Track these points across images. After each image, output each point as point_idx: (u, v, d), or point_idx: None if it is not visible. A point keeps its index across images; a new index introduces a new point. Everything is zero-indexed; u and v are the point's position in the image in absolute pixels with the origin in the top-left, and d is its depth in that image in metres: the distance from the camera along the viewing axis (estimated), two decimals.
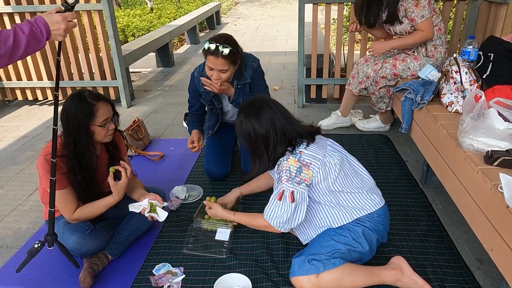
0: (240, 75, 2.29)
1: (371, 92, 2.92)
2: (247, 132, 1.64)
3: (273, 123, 1.62)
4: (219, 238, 2.01)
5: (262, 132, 1.61)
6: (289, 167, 1.58)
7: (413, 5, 2.57)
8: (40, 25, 1.30)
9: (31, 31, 1.25)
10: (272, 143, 1.62)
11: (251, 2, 16.72)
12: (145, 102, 4.23)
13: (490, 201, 1.48)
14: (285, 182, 1.57)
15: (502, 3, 2.99)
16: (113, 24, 3.69)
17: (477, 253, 1.87)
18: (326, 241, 1.63)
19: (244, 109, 1.69)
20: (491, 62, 2.24)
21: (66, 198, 1.74)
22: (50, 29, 1.31)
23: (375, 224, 1.66)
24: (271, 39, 8.06)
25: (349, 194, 1.65)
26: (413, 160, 2.77)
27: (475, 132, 1.67)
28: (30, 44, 1.24)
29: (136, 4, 11.73)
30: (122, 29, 7.33)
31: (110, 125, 1.78)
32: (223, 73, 2.12)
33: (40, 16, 1.33)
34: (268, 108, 1.64)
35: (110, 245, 1.89)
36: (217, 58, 2.05)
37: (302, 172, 1.57)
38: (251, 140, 1.65)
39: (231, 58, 2.07)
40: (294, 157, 1.58)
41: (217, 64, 2.07)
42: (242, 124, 1.65)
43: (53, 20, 1.33)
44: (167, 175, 2.71)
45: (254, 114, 1.63)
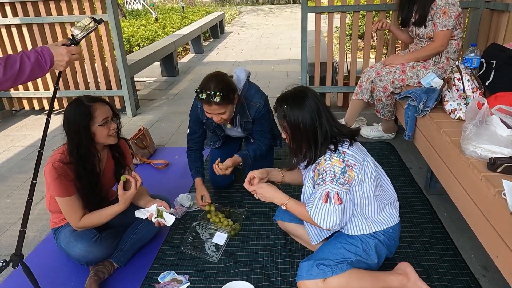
0: (243, 113, 2.22)
1: (377, 98, 2.92)
2: (295, 123, 1.55)
3: (319, 115, 1.55)
4: (216, 241, 2.05)
5: (310, 124, 1.54)
6: (333, 167, 1.51)
7: (441, 11, 2.58)
8: (45, 55, 1.38)
9: (37, 59, 1.34)
10: (320, 135, 1.55)
11: (255, 11, 16.86)
12: (150, 111, 4.27)
13: (493, 207, 1.48)
14: (329, 183, 1.51)
15: (504, 10, 3.01)
16: (118, 35, 3.75)
17: (482, 260, 1.87)
18: (336, 249, 1.63)
19: (287, 99, 1.58)
20: (494, 69, 2.25)
21: (73, 205, 1.76)
22: (54, 60, 1.41)
23: (388, 239, 1.66)
24: (274, 48, 8.11)
25: (375, 205, 1.62)
26: (417, 167, 2.77)
27: (478, 139, 1.67)
28: (34, 71, 1.33)
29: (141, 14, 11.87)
30: (128, 39, 7.42)
31: (111, 124, 1.80)
32: (222, 115, 2.04)
33: (46, 46, 1.41)
34: (312, 99, 1.56)
35: (115, 253, 1.91)
36: (211, 106, 1.97)
37: (346, 173, 1.51)
38: (298, 131, 1.56)
39: (225, 102, 1.97)
40: (338, 157, 1.52)
41: (213, 110, 2.00)
42: (287, 115, 1.56)
43: (58, 52, 1.42)
44: (172, 183, 2.73)
45: (300, 105, 1.54)
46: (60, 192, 1.73)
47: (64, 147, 1.78)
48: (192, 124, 2.42)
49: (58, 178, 1.70)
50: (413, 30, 2.82)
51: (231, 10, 15.70)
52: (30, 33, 3.88)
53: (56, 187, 1.71)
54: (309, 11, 3.57)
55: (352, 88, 3.56)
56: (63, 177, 1.71)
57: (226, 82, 2.02)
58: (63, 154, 1.75)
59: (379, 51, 3.66)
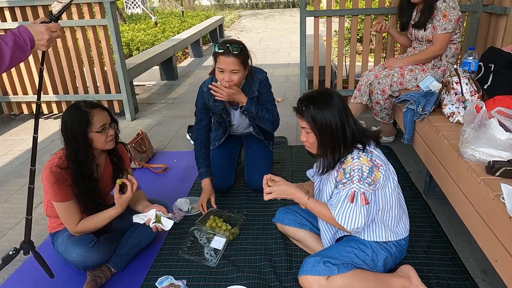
0: (249, 89, 2.29)
1: (375, 101, 2.93)
2: (326, 124, 1.51)
3: (346, 115, 1.53)
4: (214, 245, 2.04)
5: (340, 123, 1.51)
6: (361, 166, 1.47)
7: (442, 14, 2.58)
8: (24, 35, 1.31)
9: (15, 42, 1.26)
10: (349, 135, 1.52)
11: (254, 15, 16.92)
12: (149, 115, 4.27)
13: (492, 211, 1.47)
14: (357, 182, 1.46)
15: (502, 14, 3.02)
16: (117, 39, 3.75)
17: (481, 264, 1.86)
18: (346, 252, 1.60)
19: (313, 100, 1.54)
20: (492, 73, 2.26)
21: (70, 211, 1.75)
22: (34, 39, 1.33)
23: (399, 251, 1.65)
24: (274, 52, 8.13)
25: (394, 213, 1.60)
26: (416, 171, 2.76)
27: (477, 143, 1.67)
28: (15, 55, 1.26)
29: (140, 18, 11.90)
30: (127, 43, 7.43)
31: (109, 131, 1.79)
32: (234, 74, 2.08)
33: (24, 26, 1.34)
34: (338, 99, 1.54)
35: (113, 257, 1.90)
36: (228, 57, 2.03)
37: (373, 173, 1.48)
38: (330, 131, 1.52)
39: (241, 58, 2.06)
40: (366, 156, 1.49)
41: (228, 64, 2.04)
42: (316, 115, 1.51)
43: (37, 31, 1.34)
44: (170, 188, 2.72)
45: (329, 104, 1.51)
46: (57, 197, 1.72)
47: (61, 152, 1.78)
48: (198, 113, 2.44)
49: (56, 183, 1.70)
50: (412, 32, 2.83)
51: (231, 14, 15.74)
52: None
53: (53, 192, 1.71)
54: (308, 15, 3.57)
55: (351, 91, 3.56)
56: (61, 182, 1.71)
57: (244, 45, 2.15)
58: (60, 159, 1.75)
59: (378, 55, 3.67)
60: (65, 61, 3.97)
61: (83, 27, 3.79)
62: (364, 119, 3.57)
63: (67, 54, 3.95)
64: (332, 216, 1.53)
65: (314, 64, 3.74)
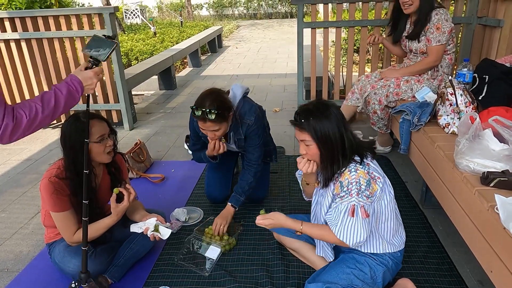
0: (236, 130, 2.24)
1: (372, 111, 2.95)
2: (325, 135, 1.50)
3: (344, 125, 1.53)
4: (209, 255, 2.04)
5: (339, 134, 1.51)
6: (359, 179, 1.46)
7: (435, 26, 2.62)
8: (76, 84, 1.42)
9: (69, 91, 1.37)
10: (348, 146, 1.52)
11: (253, 25, 17.06)
12: (147, 125, 4.28)
13: (487, 222, 1.49)
14: (355, 195, 1.45)
15: (496, 26, 3.06)
16: (116, 49, 3.78)
17: (478, 275, 1.86)
18: (345, 274, 1.60)
19: (311, 112, 1.53)
20: (486, 84, 2.28)
21: (67, 221, 1.76)
22: (83, 85, 1.44)
23: (396, 264, 1.66)
24: (271, 62, 8.19)
25: (391, 225, 1.61)
26: (412, 181, 2.78)
27: (471, 153, 1.69)
28: (67, 102, 1.36)
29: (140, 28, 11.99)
30: (126, 52, 7.48)
31: (108, 141, 1.81)
32: (216, 132, 2.07)
33: (74, 75, 1.45)
34: (335, 110, 1.54)
35: (110, 268, 1.90)
36: (205, 123, 2.00)
37: (370, 186, 1.47)
38: (329, 143, 1.51)
39: (219, 119, 2.00)
40: (364, 169, 1.48)
41: (208, 127, 2.03)
42: (315, 127, 1.51)
43: (86, 77, 1.46)
44: (168, 197, 2.72)
45: (327, 115, 1.51)
46: (55, 207, 1.72)
47: (60, 162, 1.79)
48: (192, 136, 2.45)
49: (54, 193, 1.70)
50: (406, 44, 2.86)
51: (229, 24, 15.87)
52: (29, 48, 3.92)
53: (51, 202, 1.72)
54: (305, 27, 3.62)
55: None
56: (59, 192, 1.72)
57: (221, 100, 2.04)
58: (59, 169, 1.76)
59: (375, 65, 3.71)
60: (64, 71, 3.99)
61: (82, 37, 3.83)
62: (361, 129, 3.59)
63: (66, 64, 3.98)
64: (331, 235, 1.52)
65: (311, 75, 3.78)
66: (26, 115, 1.19)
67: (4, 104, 1.15)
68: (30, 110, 1.20)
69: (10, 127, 1.15)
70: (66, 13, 3.79)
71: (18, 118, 1.17)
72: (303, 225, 1.62)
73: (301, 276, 1.88)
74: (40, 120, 1.24)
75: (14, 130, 1.16)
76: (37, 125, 1.24)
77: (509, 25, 2.89)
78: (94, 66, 1.52)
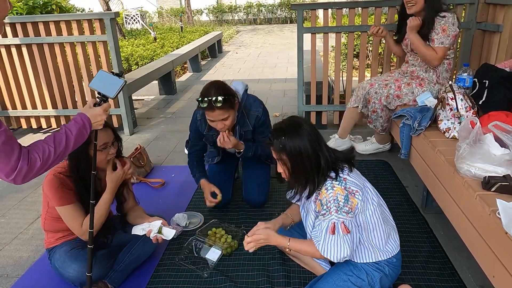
0: (243, 122, 2.27)
1: (372, 110, 2.96)
2: (297, 153, 1.51)
3: (319, 142, 1.54)
4: (209, 257, 2.04)
5: (312, 152, 1.51)
6: (336, 196, 1.48)
7: (441, 28, 2.61)
8: (85, 122, 1.43)
9: (78, 130, 1.39)
10: (323, 163, 1.52)
11: (254, 30, 17.12)
12: (147, 130, 4.29)
13: (489, 227, 1.48)
14: (335, 213, 1.47)
15: (495, 31, 3.08)
16: (117, 54, 3.79)
17: (479, 280, 1.85)
18: (342, 281, 1.60)
19: (283, 130, 1.55)
20: (486, 89, 2.29)
21: (74, 213, 1.77)
22: (92, 123, 1.46)
23: (393, 270, 1.65)
24: (271, 67, 8.21)
25: (380, 232, 1.61)
26: (413, 186, 2.77)
27: (472, 158, 1.69)
28: (77, 141, 1.39)
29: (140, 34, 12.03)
30: (126, 58, 7.50)
31: (110, 149, 1.82)
32: (225, 121, 2.08)
33: (83, 113, 1.45)
34: (308, 127, 1.55)
35: (110, 273, 1.89)
36: (214, 111, 2.02)
37: (349, 201, 1.48)
38: (301, 161, 1.53)
39: (227, 105, 2.03)
40: (340, 185, 1.49)
41: (216, 116, 2.04)
42: (287, 145, 1.52)
43: (96, 114, 1.47)
44: (168, 202, 2.72)
45: (299, 133, 1.52)
46: (61, 200, 1.74)
47: (65, 163, 1.81)
48: (192, 138, 2.45)
49: (60, 187, 1.73)
50: (407, 43, 2.87)
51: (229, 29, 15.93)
52: (30, 53, 3.93)
53: (57, 196, 1.73)
54: (305, 32, 3.63)
55: None
56: (64, 186, 1.75)
57: (226, 88, 2.08)
58: (64, 169, 1.78)
59: (374, 70, 3.72)
60: (65, 76, 4.00)
61: (83, 42, 3.84)
62: (360, 133, 3.59)
63: (66, 69, 3.98)
64: (317, 252, 1.54)
65: (311, 79, 3.78)
66: (39, 158, 1.22)
67: (19, 147, 1.18)
68: (43, 153, 1.23)
69: (24, 170, 1.17)
70: (67, 18, 3.80)
71: (32, 160, 1.19)
72: (290, 241, 1.64)
73: (302, 281, 1.87)
74: (52, 162, 1.27)
75: (28, 172, 1.19)
76: (49, 166, 1.28)
77: (508, 30, 2.91)
78: (102, 102, 1.53)
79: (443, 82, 2.79)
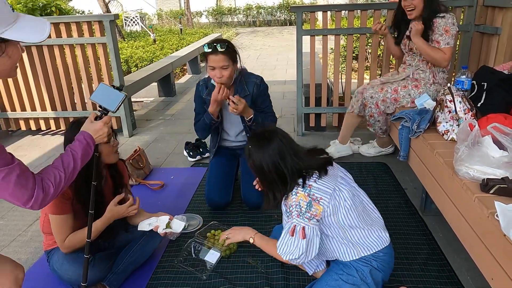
0: (242, 89, 2.40)
1: (369, 114, 2.97)
2: (259, 164, 1.60)
3: (282, 155, 1.58)
4: (208, 259, 2.05)
5: (273, 165, 1.58)
6: (299, 202, 1.54)
7: (443, 29, 2.62)
8: (88, 140, 1.46)
9: (83, 149, 1.43)
10: (287, 175, 1.57)
11: (253, 33, 17.15)
12: (146, 131, 4.29)
13: (487, 229, 1.48)
14: (296, 217, 1.54)
15: (493, 34, 3.09)
16: (116, 56, 3.80)
17: (478, 282, 1.85)
18: (334, 280, 1.62)
19: (253, 140, 1.65)
20: (485, 91, 2.29)
21: (65, 224, 1.76)
22: (94, 138, 1.48)
23: (381, 264, 1.65)
24: (271, 69, 8.22)
25: (358, 230, 1.62)
26: (412, 188, 2.78)
27: (470, 160, 1.69)
28: (83, 160, 1.43)
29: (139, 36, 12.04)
30: (126, 60, 7.50)
31: (114, 141, 1.84)
32: (224, 70, 2.23)
33: (85, 131, 1.47)
34: (277, 140, 1.60)
35: (108, 276, 1.88)
36: (216, 55, 2.19)
37: (312, 207, 1.53)
38: (263, 172, 1.61)
39: (229, 54, 2.21)
40: (304, 192, 1.55)
41: (218, 61, 2.20)
42: (252, 155, 1.62)
43: (96, 129, 1.49)
44: (167, 204, 2.72)
45: (264, 145, 1.59)
46: (55, 209, 1.73)
47: None
48: (197, 107, 2.58)
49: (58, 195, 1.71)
50: (406, 43, 2.87)
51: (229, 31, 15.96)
52: (29, 55, 3.93)
53: (52, 204, 1.72)
54: (304, 34, 3.64)
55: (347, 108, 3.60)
56: (62, 195, 1.72)
57: (230, 42, 2.29)
58: None
59: (374, 72, 3.72)
60: (64, 78, 4.00)
61: (82, 44, 3.84)
62: (360, 136, 3.60)
63: (66, 71, 3.99)
64: (274, 249, 1.64)
65: (310, 82, 3.79)
66: (52, 184, 1.29)
67: (33, 176, 1.25)
68: (55, 179, 1.30)
69: (40, 198, 1.25)
70: (66, 20, 3.81)
71: (46, 188, 1.27)
72: (256, 234, 1.85)
73: (301, 284, 1.87)
74: (63, 185, 1.33)
75: (44, 199, 1.26)
76: (62, 189, 1.34)
77: (507, 32, 2.91)
78: (103, 115, 1.54)
79: (440, 82, 2.79)
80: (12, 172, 1.18)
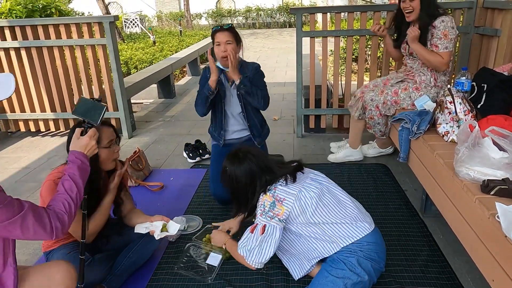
0: (242, 71, 2.56)
1: (369, 116, 2.97)
2: (230, 179, 1.76)
3: (252, 174, 1.72)
4: (210, 262, 2.04)
5: (243, 181, 1.73)
6: (263, 202, 1.67)
7: (442, 33, 2.61)
8: (81, 158, 1.50)
9: (79, 168, 1.47)
10: (251, 192, 1.73)
11: (252, 35, 17.17)
12: (146, 133, 4.28)
13: (488, 230, 1.48)
14: (259, 216, 1.67)
15: (493, 35, 3.09)
16: (116, 58, 3.80)
17: (479, 284, 1.85)
18: (324, 278, 1.65)
19: (229, 157, 1.80)
20: (485, 93, 2.29)
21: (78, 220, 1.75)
22: (85, 153, 1.52)
23: (367, 253, 1.66)
24: (270, 70, 8.22)
25: (333, 224, 1.69)
26: (412, 189, 2.77)
27: (471, 162, 1.69)
28: (83, 177, 1.48)
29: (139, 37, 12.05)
30: (125, 61, 7.50)
31: (116, 147, 1.83)
32: (228, 45, 2.46)
33: (74, 151, 1.51)
34: (250, 159, 1.74)
35: (108, 277, 1.88)
36: (222, 32, 2.47)
37: (275, 207, 1.64)
38: (233, 186, 1.78)
39: (232, 32, 2.49)
40: (269, 193, 1.68)
41: (223, 37, 2.46)
42: (226, 171, 1.77)
43: (83, 145, 1.53)
44: (167, 206, 2.71)
45: (237, 163, 1.75)
46: None
47: (63, 167, 1.78)
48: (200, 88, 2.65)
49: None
50: (406, 47, 2.87)
51: None
52: (29, 56, 3.93)
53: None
54: (304, 36, 3.64)
55: (346, 110, 3.60)
56: None
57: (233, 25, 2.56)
58: (62, 173, 1.76)
59: (373, 74, 3.73)
60: (64, 79, 4.00)
61: (82, 46, 3.84)
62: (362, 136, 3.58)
63: (65, 72, 3.98)
64: (237, 255, 1.76)
65: (310, 83, 3.78)
66: (65, 212, 1.35)
67: (46, 212, 1.31)
68: (65, 207, 1.36)
69: (59, 227, 1.31)
70: (66, 21, 3.80)
71: (60, 218, 1.33)
72: (227, 242, 1.95)
73: (301, 285, 1.86)
74: (74, 208, 1.40)
75: (63, 227, 1.33)
76: (74, 213, 1.40)
77: (506, 34, 2.92)
78: (88, 128, 1.56)
79: (441, 85, 2.79)
80: (26, 217, 1.23)
